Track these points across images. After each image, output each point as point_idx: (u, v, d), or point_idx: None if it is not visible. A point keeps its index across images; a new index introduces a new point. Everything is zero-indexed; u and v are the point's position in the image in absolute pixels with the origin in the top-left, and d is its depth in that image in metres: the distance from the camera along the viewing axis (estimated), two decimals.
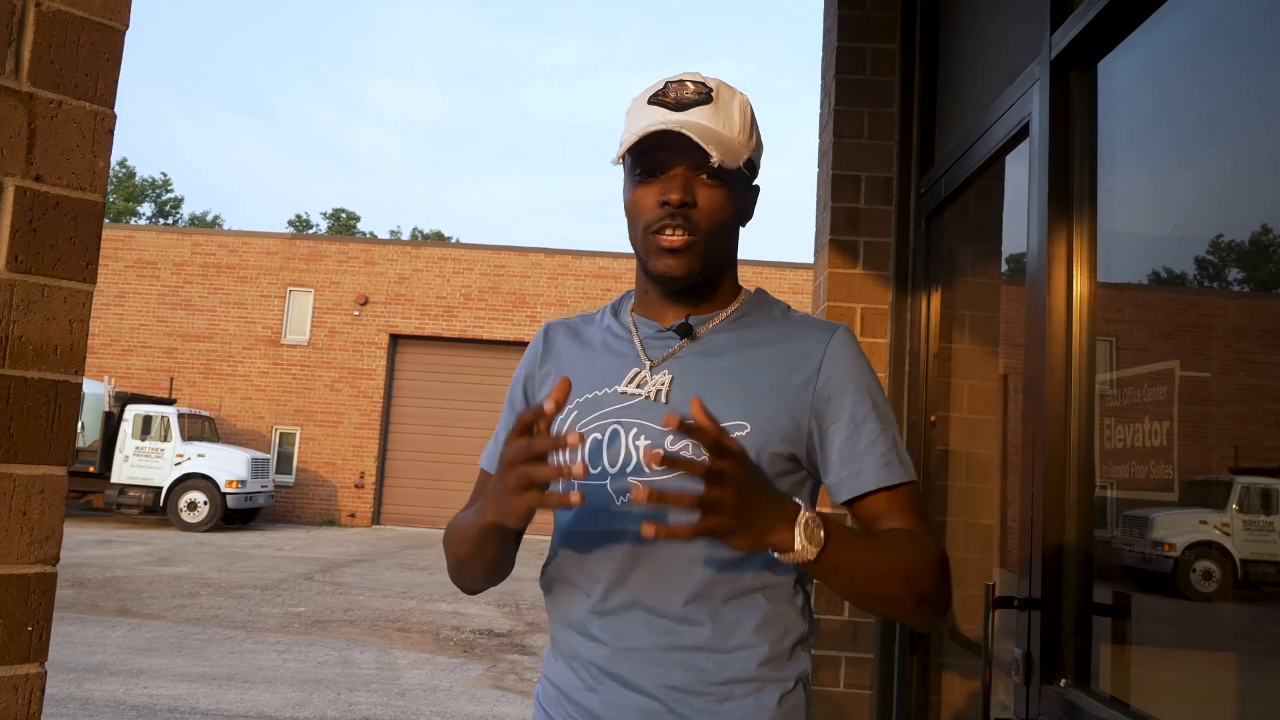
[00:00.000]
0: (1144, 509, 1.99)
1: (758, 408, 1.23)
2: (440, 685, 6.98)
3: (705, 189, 1.25)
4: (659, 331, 1.32)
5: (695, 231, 1.24)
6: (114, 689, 6.29)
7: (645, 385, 1.27)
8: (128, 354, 19.94)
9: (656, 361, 1.29)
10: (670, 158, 1.24)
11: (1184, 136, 1.84)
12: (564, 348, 1.40)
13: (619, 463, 1.25)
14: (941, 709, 2.77)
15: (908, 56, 3.11)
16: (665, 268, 1.25)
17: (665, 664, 1.20)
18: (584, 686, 1.24)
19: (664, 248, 1.24)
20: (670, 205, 1.23)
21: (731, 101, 1.28)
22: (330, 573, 12.46)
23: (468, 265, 20.11)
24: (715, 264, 1.29)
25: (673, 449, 1.21)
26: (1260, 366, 1.65)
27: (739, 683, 1.20)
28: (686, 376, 1.27)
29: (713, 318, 1.32)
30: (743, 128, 1.28)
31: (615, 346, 1.34)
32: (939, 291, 2.90)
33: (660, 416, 1.24)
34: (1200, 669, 1.79)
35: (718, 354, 1.28)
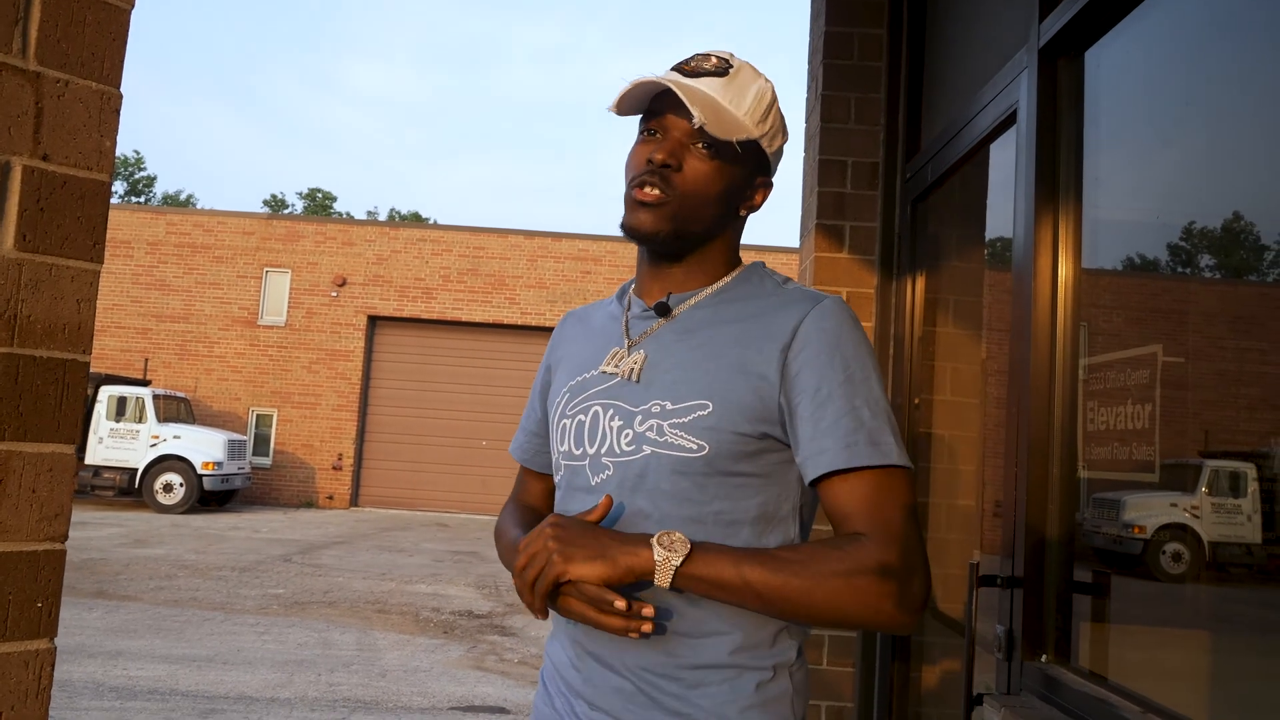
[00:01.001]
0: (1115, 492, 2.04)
1: (720, 385, 1.20)
2: (420, 666, 7.00)
3: (695, 156, 1.24)
4: (644, 310, 1.32)
5: (670, 193, 1.23)
6: (92, 671, 6.26)
7: (622, 364, 1.28)
8: (101, 334, 19.69)
9: (634, 341, 1.30)
10: (670, 120, 1.25)
11: (1170, 125, 1.87)
12: (571, 335, 1.43)
13: (596, 443, 1.26)
14: (924, 685, 2.83)
15: (895, 42, 3.13)
16: (633, 220, 1.25)
17: (639, 646, 1.19)
18: (570, 663, 1.26)
19: (637, 200, 1.25)
20: (653, 163, 1.24)
21: (750, 83, 1.27)
22: (309, 554, 12.43)
23: (446, 247, 20.00)
24: (692, 235, 1.26)
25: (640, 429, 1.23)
26: (1230, 352, 1.69)
27: (712, 668, 1.18)
28: (659, 356, 1.26)
29: (695, 294, 1.30)
30: (753, 110, 1.25)
31: (608, 328, 1.36)
32: (923, 276, 2.94)
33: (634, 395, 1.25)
34: (1173, 646, 1.84)
35: (692, 331, 1.26)
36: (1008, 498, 2.07)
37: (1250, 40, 1.63)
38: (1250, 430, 1.61)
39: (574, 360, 1.37)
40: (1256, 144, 1.60)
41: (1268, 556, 1.57)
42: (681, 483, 1.19)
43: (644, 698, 1.18)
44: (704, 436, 1.18)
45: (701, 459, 1.18)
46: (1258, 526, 1.61)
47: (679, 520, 1.18)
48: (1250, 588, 1.65)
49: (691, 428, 1.19)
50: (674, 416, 1.20)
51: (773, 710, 1.19)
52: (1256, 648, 1.64)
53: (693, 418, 1.19)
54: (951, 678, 2.63)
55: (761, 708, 1.18)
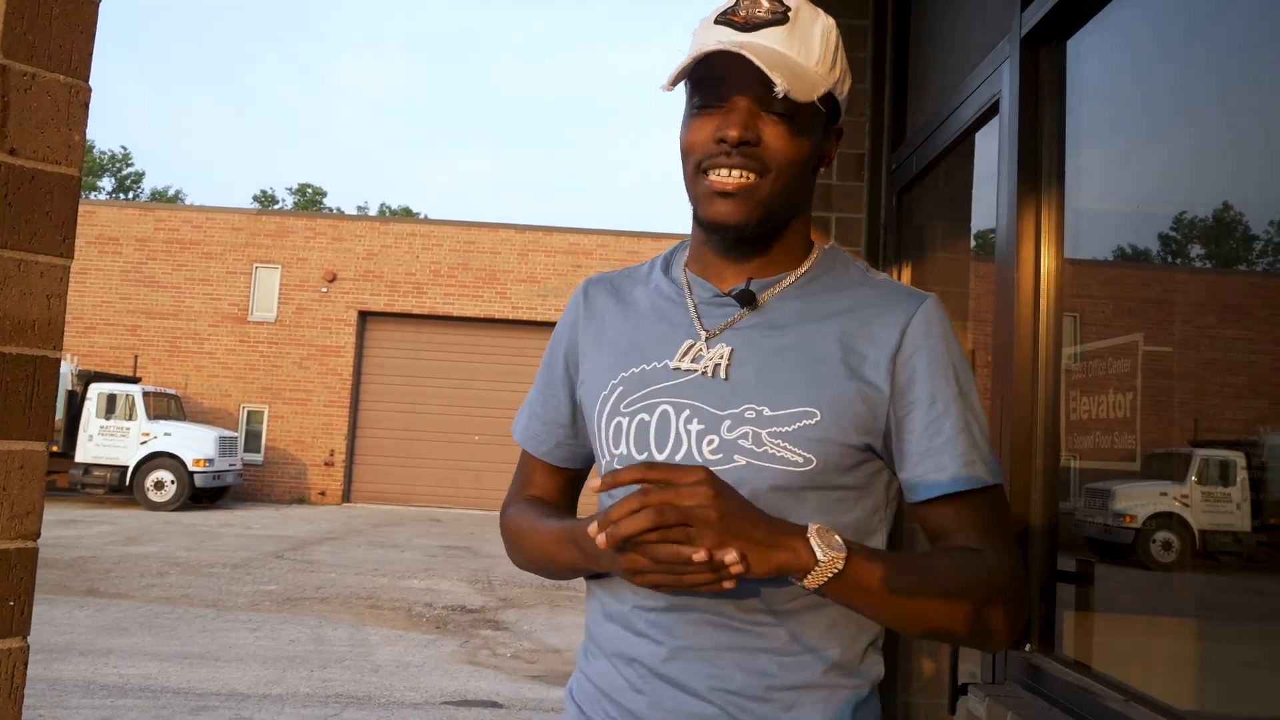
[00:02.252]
0: (1106, 481, 2.04)
1: (827, 392, 1.07)
2: (413, 661, 7.00)
3: (772, 125, 1.07)
4: (716, 295, 1.15)
5: (756, 173, 1.07)
6: (83, 669, 6.25)
7: (700, 359, 1.12)
8: (90, 332, 19.61)
9: (713, 332, 1.13)
10: (733, 87, 1.07)
11: (1151, 114, 1.87)
12: (606, 311, 1.24)
13: (668, 448, 1.11)
14: (911, 676, 2.83)
15: (880, 33, 3.12)
16: (717, 214, 1.09)
17: (723, 665, 1.07)
18: (629, 687, 1.11)
19: (716, 190, 1.08)
20: (728, 142, 1.06)
21: (813, 24, 1.10)
22: (301, 551, 12.41)
23: (437, 241, 19.95)
24: (780, 215, 1.11)
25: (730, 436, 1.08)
26: (1219, 341, 1.69)
27: (807, 689, 1.07)
28: (747, 352, 1.11)
29: (778, 281, 1.15)
30: (823, 56, 1.09)
31: (666, 312, 1.18)
32: (909, 267, 2.94)
33: (721, 397, 1.09)
34: (1159, 635, 1.85)
35: (782, 327, 1.12)
36: None
37: (1231, 28, 1.63)
38: (1239, 419, 1.62)
39: (619, 345, 1.19)
40: (1237, 133, 1.60)
41: (1257, 544, 1.57)
42: (781, 498, 1.06)
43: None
44: (811, 449, 1.06)
45: (807, 473, 1.06)
46: (1247, 515, 1.61)
47: None
48: (1239, 576, 1.65)
49: (796, 438, 1.06)
50: (774, 425, 1.07)
51: None
52: (1244, 635, 1.64)
53: (798, 427, 1.06)
54: (937, 667, 2.64)
55: None
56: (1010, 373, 2.00)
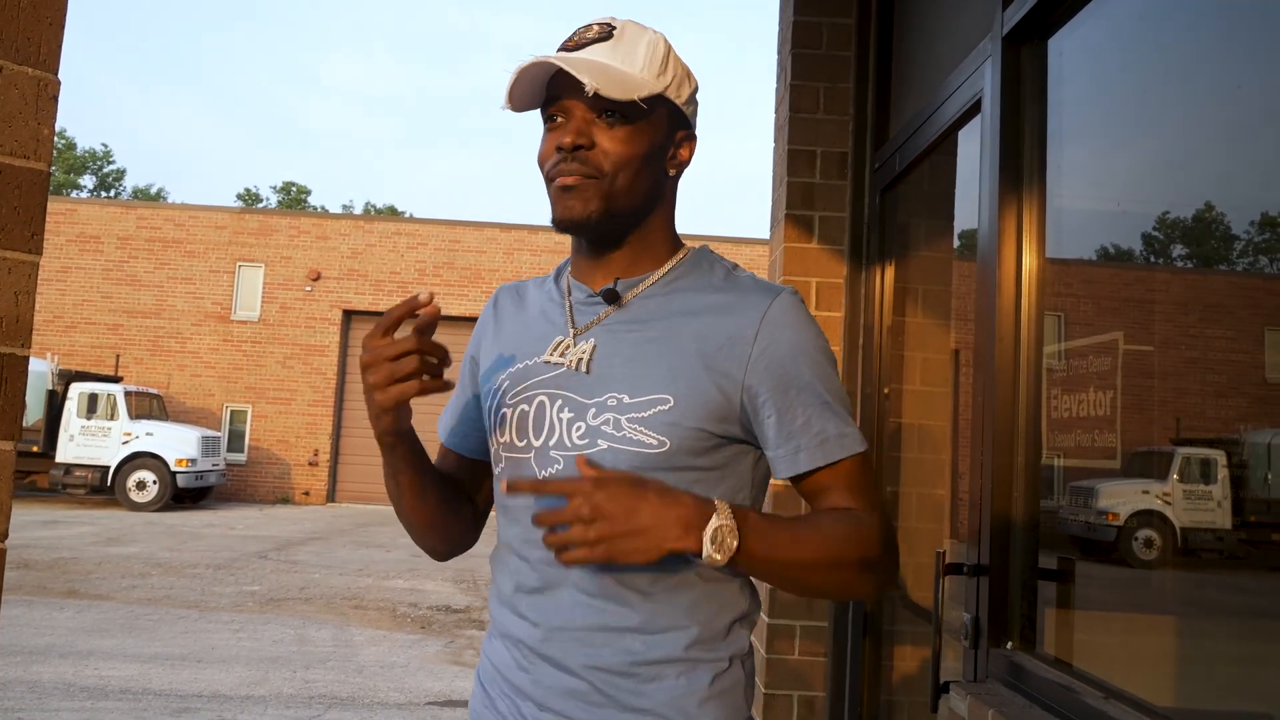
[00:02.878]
0: (1089, 479, 2.05)
1: (683, 381, 1.17)
2: (398, 662, 6.97)
3: (604, 129, 1.19)
4: (588, 296, 1.26)
5: (593, 174, 1.18)
6: (63, 671, 6.19)
7: (568, 354, 1.23)
8: (71, 330, 19.45)
9: (581, 329, 1.24)
10: (567, 102, 1.19)
11: (1133, 114, 1.88)
12: (507, 314, 1.36)
13: (543, 435, 1.21)
14: (894, 673, 2.84)
15: (863, 31, 3.12)
16: (563, 210, 1.20)
17: (594, 645, 1.16)
18: (515, 665, 1.22)
19: (559, 188, 1.19)
20: (563, 149, 1.18)
21: (638, 39, 1.22)
22: (285, 551, 12.34)
23: (422, 240, 19.89)
24: (626, 210, 1.21)
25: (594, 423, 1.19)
26: (1200, 340, 1.70)
27: (668, 663, 1.16)
28: (610, 346, 1.21)
29: (642, 280, 1.25)
30: (649, 64, 1.20)
31: (549, 313, 1.30)
32: (893, 266, 2.94)
33: (585, 387, 1.20)
34: (1141, 632, 1.86)
35: (645, 322, 1.22)
36: (974, 486, 2.07)
37: (1211, 28, 1.64)
38: (1220, 417, 1.62)
39: (511, 343, 1.31)
40: (1217, 133, 1.60)
41: (1237, 542, 1.58)
42: None
43: (599, 695, 1.16)
44: (664, 432, 1.16)
45: (661, 454, 1.15)
46: (1228, 512, 1.62)
47: None
48: (1220, 573, 1.66)
49: (651, 423, 1.16)
50: (632, 410, 1.17)
51: (728, 700, 1.19)
52: (1225, 632, 1.65)
53: (653, 412, 1.16)
54: (920, 666, 2.65)
55: (719, 699, 1.18)
56: (992, 371, 2.00)
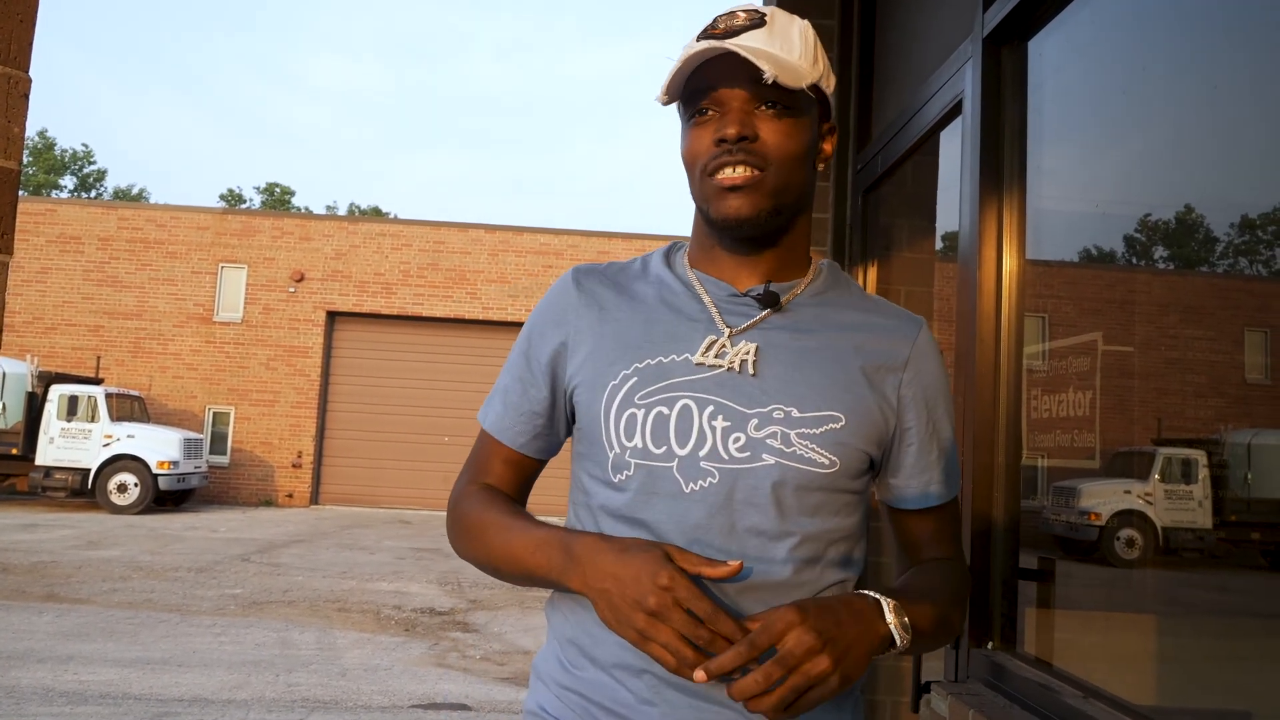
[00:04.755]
0: (1072, 479, 2.05)
1: (850, 398, 1.12)
2: (381, 664, 6.94)
3: (767, 120, 1.11)
4: (733, 295, 1.17)
5: (760, 166, 1.10)
6: (42, 676, 6.13)
7: (725, 355, 1.12)
8: (51, 332, 19.27)
9: (737, 329, 1.14)
10: (724, 90, 1.11)
11: (1113, 115, 1.89)
12: (607, 301, 1.21)
13: (690, 444, 1.10)
14: (876, 673, 2.84)
15: (845, 33, 3.13)
16: (730, 210, 1.11)
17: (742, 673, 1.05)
18: (638, 700, 1.08)
19: (725, 186, 1.10)
20: (728, 141, 1.10)
21: (790, 25, 1.14)
22: (267, 554, 12.26)
23: (406, 241, 19.81)
24: (788, 208, 1.14)
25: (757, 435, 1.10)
26: (1181, 341, 1.71)
27: None
28: (773, 351, 1.13)
29: (794, 286, 1.18)
30: (805, 52, 1.13)
31: (680, 306, 1.18)
32: (875, 266, 2.95)
33: (749, 393, 1.11)
34: (1120, 631, 1.86)
35: (807, 331, 1.15)
36: None
37: (1189, 31, 1.65)
38: (1200, 417, 1.63)
39: (628, 336, 1.16)
40: (1196, 135, 1.61)
41: (1217, 541, 1.59)
42: (806, 499, 1.10)
43: None
44: (836, 451, 1.10)
45: (831, 475, 1.10)
46: (1208, 512, 1.63)
47: (795, 538, 1.09)
48: (1201, 571, 1.67)
49: (823, 440, 1.10)
50: (802, 426, 1.10)
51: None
52: (1205, 631, 1.66)
53: (825, 430, 1.10)
54: (902, 666, 2.65)
55: None
56: (972, 372, 2.00)
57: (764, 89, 1.10)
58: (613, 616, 1.01)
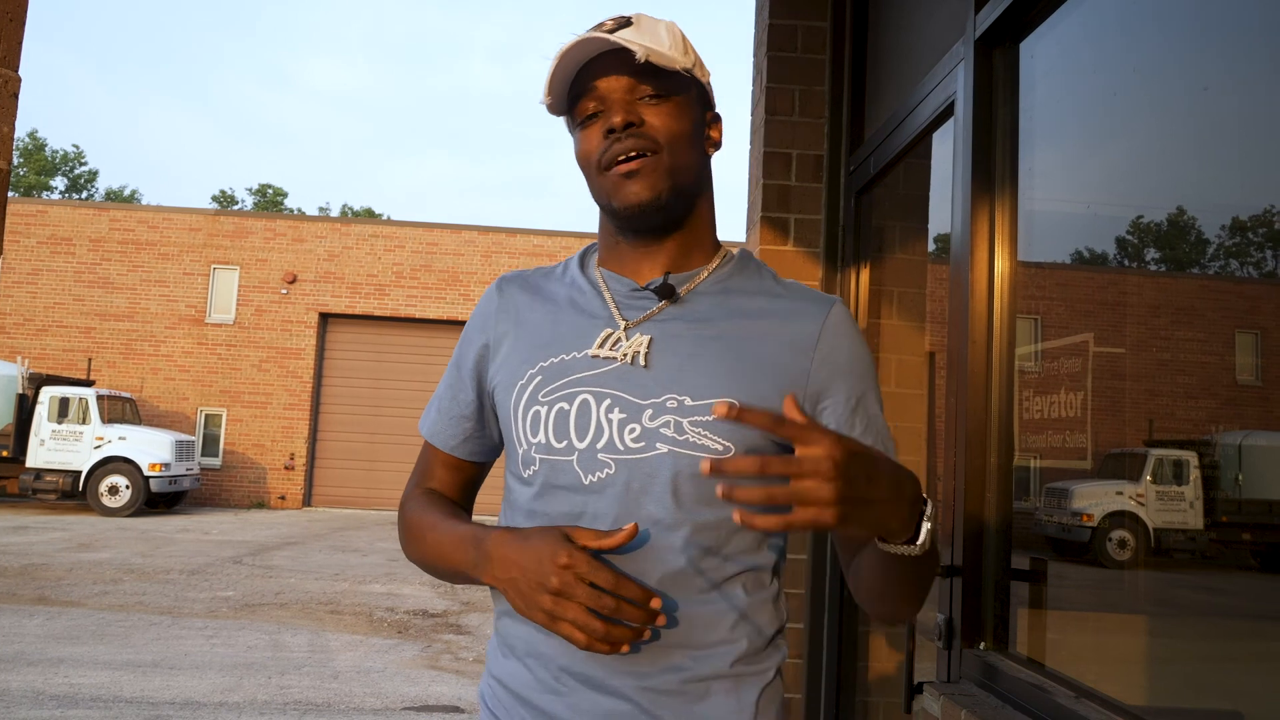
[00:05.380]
0: (1064, 480, 2.06)
1: (747, 385, 1.12)
2: (374, 667, 6.92)
3: (650, 106, 1.14)
4: (634, 290, 1.19)
5: (652, 149, 1.13)
6: (32, 679, 6.10)
7: (619, 347, 1.15)
8: (42, 334, 19.19)
9: (633, 322, 1.17)
10: (604, 87, 1.15)
11: (1104, 117, 1.89)
12: (522, 304, 1.25)
13: (589, 437, 1.13)
14: (868, 674, 2.84)
15: (838, 34, 3.13)
16: (631, 195, 1.13)
17: (640, 663, 1.09)
18: (543, 688, 1.13)
19: (621, 174, 1.13)
20: (616, 130, 1.13)
21: (657, 24, 1.18)
22: (260, 556, 12.23)
23: (399, 243, 19.78)
24: (687, 189, 1.17)
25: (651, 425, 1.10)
26: (1172, 342, 1.71)
27: (717, 679, 1.11)
28: (667, 342, 1.14)
29: (694, 276, 1.20)
30: (674, 44, 1.17)
31: (584, 304, 1.21)
32: (868, 268, 2.95)
33: (642, 384, 1.12)
34: (1112, 632, 1.87)
35: (704, 320, 1.16)
36: (947, 487, 2.08)
37: (1183, 31, 1.65)
38: (1191, 419, 1.64)
39: (537, 337, 1.21)
40: (1189, 136, 1.62)
41: (1209, 541, 1.59)
42: (702, 486, 1.10)
43: (645, 717, 1.09)
44: (730, 437, 1.10)
45: None
46: (1199, 513, 1.64)
47: (694, 526, 1.10)
48: (1192, 572, 1.68)
49: (716, 427, 1.10)
50: (695, 414, 1.11)
51: (771, 712, 1.15)
52: (1196, 631, 1.66)
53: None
54: (895, 667, 2.65)
55: (764, 714, 1.14)
56: (964, 373, 2.01)
57: (642, 77, 1.14)
58: (522, 603, 1.06)
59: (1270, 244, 1.47)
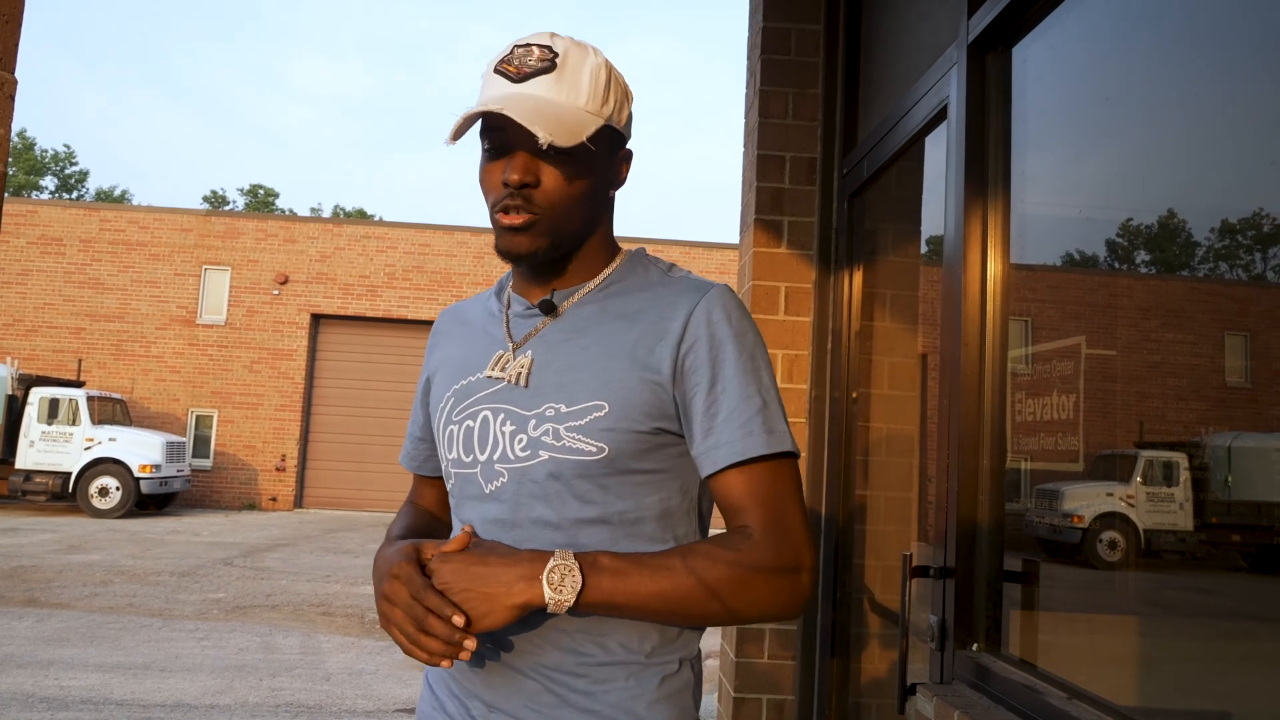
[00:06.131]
0: (1055, 482, 2.07)
1: (615, 385, 1.17)
2: (366, 669, 6.91)
3: (549, 168, 1.18)
4: (527, 309, 1.27)
5: (537, 210, 1.18)
6: (21, 681, 6.07)
7: (508, 368, 1.24)
8: (32, 334, 19.09)
9: (519, 342, 1.25)
10: (512, 136, 1.18)
11: (1096, 121, 1.90)
12: (450, 333, 1.39)
13: (488, 450, 1.22)
14: (862, 676, 2.85)
15: (831, 38, 3.14)
16: (509, 245, 1.20)
17: (544, 645, 1.18)
18: (466, 666, 1.23)
19: (505, 226, 1.19)
20: (510, 186, 1.18)
21: (581, 67, 1.21)
22: (251, 558, 12.19)
23: (391, 244, 19.74)
24: (568, 240, 1.23)
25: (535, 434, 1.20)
26: (1162, 344, 1.72)
27: (618, 665, 1.17)
28: (547, 356, 1.22)
29: (578, 290, 1.26)
30: (593, 94, 1.20)
31: (489, 328, 1.31)
32: (861, 270, 2.96)
33: (525, 400, 1.21)
34: (1103, 633, 1.88)
35: (580, 330, 1.23)
36: (940, 489, 2.09)
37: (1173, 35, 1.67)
38: (1181, 420, 1.65)
39: (455, 362, 1.32)
40: (1180, 139, 1.63)
41: (1199, 543, 1.60)
42: (582, 486, 1.17)
43: (551, 696, 1.17)
44: (602, 438, 1.16)
45: (601, 461, 1.16)
46: (1189, 514, 1.64)
47: (582, 524, 1.17)
48: (1182, 574, 1.68)
49: (589, 430, 1.16)
50: (570, 419, 1.17)
51: (676, 701, 1.20)
52: (1186, 632, 1.67)
53: (589, 420, 1.16)
54: (888, 668, 2.66)
55: (667, 700, 1.19)
56: (957, 375, 2.02)
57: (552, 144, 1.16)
58: (376, 610, 1.15)
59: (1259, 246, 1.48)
